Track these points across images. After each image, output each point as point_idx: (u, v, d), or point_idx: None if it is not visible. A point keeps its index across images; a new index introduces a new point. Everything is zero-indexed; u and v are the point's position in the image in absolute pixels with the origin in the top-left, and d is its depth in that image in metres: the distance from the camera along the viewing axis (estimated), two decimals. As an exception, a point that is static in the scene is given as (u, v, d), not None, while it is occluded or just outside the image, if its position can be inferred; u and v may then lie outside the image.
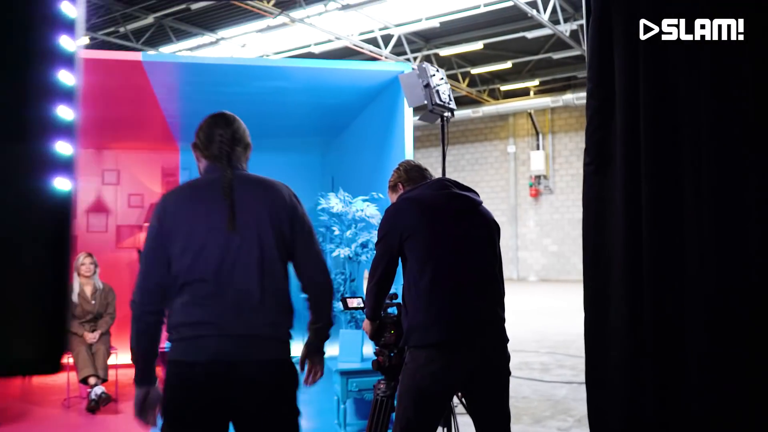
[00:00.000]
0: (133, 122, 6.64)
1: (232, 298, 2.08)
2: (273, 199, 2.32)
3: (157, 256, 2.14)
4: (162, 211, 2.16)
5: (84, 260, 6.02)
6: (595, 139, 3.51)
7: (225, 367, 2.02)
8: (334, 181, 7.61)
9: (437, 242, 2.65)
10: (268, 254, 2.14)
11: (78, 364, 5.65)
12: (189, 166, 8.00)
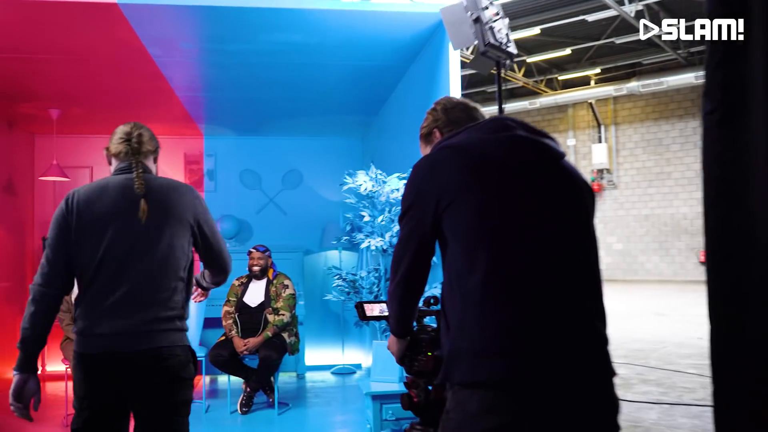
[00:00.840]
0: (147, 103, 5.88)
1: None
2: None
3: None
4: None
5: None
6: (720, 76, 2.46)
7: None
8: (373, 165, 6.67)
9: (496, 214, 1.65)
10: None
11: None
12: (214, 152, 7.23)
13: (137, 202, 2.22)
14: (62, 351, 5.18)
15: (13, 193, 6.46)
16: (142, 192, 2.23)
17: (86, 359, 2.17)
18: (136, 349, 2.13)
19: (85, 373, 2.18)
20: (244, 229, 7.21)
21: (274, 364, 5.06)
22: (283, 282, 5.40)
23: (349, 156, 7.47)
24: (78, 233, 2.22)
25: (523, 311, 1.58)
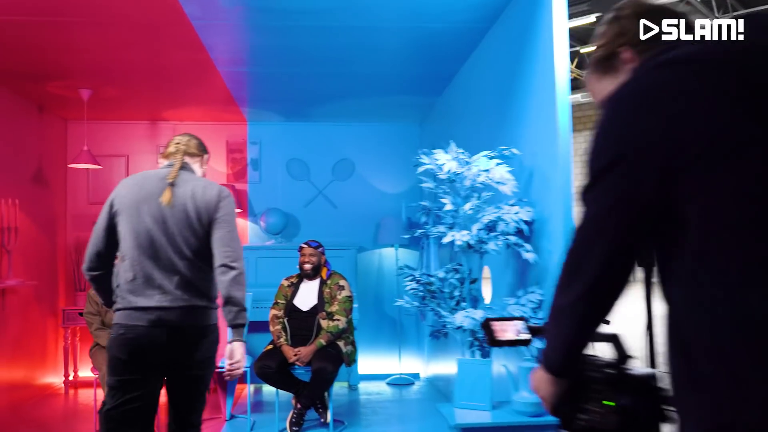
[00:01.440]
0: (190, 85, 5.27)
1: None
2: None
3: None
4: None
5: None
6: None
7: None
8: (435, 154, 5.96)
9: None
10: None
11: (105, 390, 4.29)
12: (259, 140, 6.60)
13: (164, 189, 2.51)
14: (92, 359, 4.60)
15: (44, 184, 5.94)
16: (171, 180, 2.51)
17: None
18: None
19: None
20: (291, 224, 6.57)
21: (328, 378, 4.39)
22: (338, 282, 4.73)
23: (406, 143, 6.77)
24: (118, 216, 2.52)
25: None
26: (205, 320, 2.51)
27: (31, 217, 5.65)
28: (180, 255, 2.47)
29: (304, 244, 4.81)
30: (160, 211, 2.47)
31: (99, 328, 4.59)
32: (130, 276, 2.45)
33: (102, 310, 4.60)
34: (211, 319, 2.54)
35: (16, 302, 5.37)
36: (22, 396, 5.46)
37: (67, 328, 6.01)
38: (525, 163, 3.21)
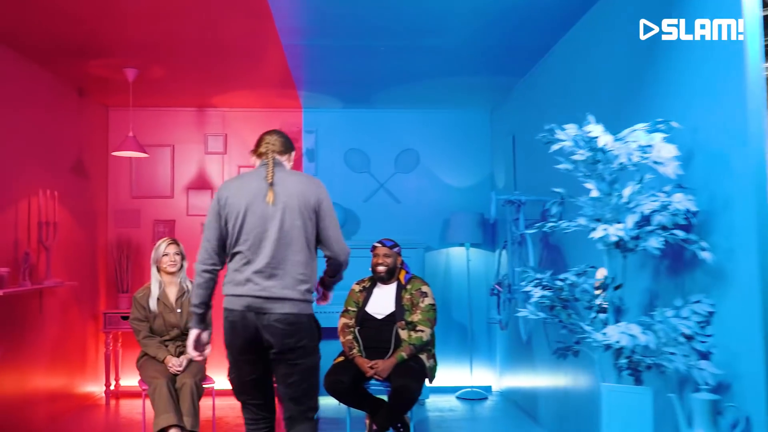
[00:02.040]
0: (245, 62, 4.71)
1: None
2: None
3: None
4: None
5: (167, 249, 4.11)
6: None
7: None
8: (515, 142, 5.32)
9: None
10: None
11: (155, 406, 3.73)
12: (315, 128, 6.03)
13: (267, 189, 2.74)
14: (139, 371, 4.06)
15: (84, 177, 5.43)
16: (270, 181, 2.75)
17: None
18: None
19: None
20: (350, 221, 5.98)
21: (411, 397, 3.78)
22: (420, 288, 4.12)
23: (475, 132, 6.15)
24: (225, 216, 2.78)
25: None
26: (293, 310, 2.70)
27: (70, 211, 5.14)
28: (284, 249, 2.71)
29: (378, 243, 4.21)
30: (265, 209, 2.73)
31: (148, 337, 4.04)
32: (239, 269, 2.75)
33: (150, 316, 4.05)
34: (299, 309, 2.72)
35: (55, 305, 4.86)
36: (60, 407, 4.94)
37: (108, 332, 5.49)
38: (684, 140, 2.57)
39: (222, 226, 2.77)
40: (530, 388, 4.98)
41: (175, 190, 5.98)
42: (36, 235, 4.52)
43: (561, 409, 4.22)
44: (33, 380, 4.53)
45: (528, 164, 4.97)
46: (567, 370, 4.01)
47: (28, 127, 4.51)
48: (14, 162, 4.30)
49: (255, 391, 2.83)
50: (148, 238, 5.90)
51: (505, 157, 5.59)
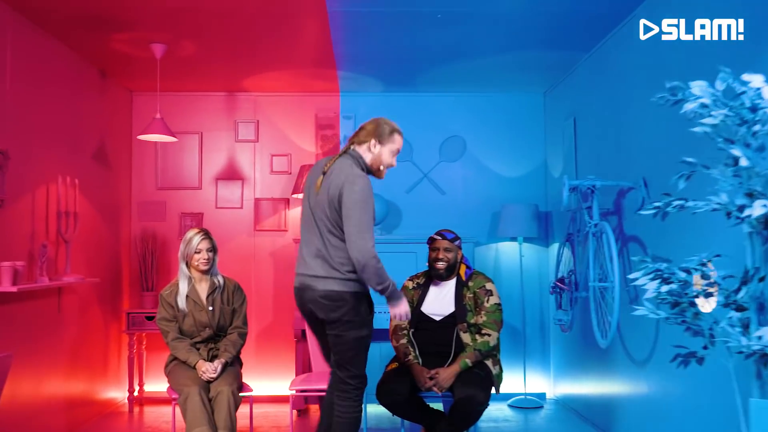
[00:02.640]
0: (282, 40, 4.27)
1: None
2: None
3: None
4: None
5: (200, 245, 3.66)
6: None
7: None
8: (577, 125, 4.83)
9: None
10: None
11: (187, 418, 3.29)
12: (353, 113, 5.58)
13: (320, 177, 2.95)
14: (168, 377, 3.63)
15: (106, 166, 5.02)
16: (325, 170, 2.93)
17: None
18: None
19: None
20: (392, 214, 5.52)
21: (478, 409, 3.32)
22: (484, 286, 3.64)
23: (527, 118, 5.66)
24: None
25: None
26: (335, 288, 2.86)
27: (91, 202, 4.72)
28: (319, 236, 2.91)
29: (437, 236, 3.74)
30: (314, 197, 2.95)
31: (177, 339, 3.60)
32: (299, 249, 3.05)
33: (179, 315, 3.61)
34: (341, 287, 2.87)
35: (75, 303, 4.45)
36: (79, 414, 4.53)
37: (132, 334, 5.07)
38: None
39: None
40: (598, 397, 4.48)
41: (204, 181, 5.55)
42: (55, 227, 4.10)
43: (649, 423, 3.72)
44: (50, 385, 4.11)
45: (593, 148, 4.47)
46: (659, 379, 3.51)
47: (47, 109, 4.10)
48: (31, 146, 3.88)
49: (328, 358, 3.10)
50: (175, 232, 5.48)
51: (563, 143, 5.10)
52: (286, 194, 5.54)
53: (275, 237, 5.54)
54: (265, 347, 5.40)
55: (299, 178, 5.22)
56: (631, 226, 3.79)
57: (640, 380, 3.77)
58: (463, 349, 3.51)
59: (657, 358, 3.57)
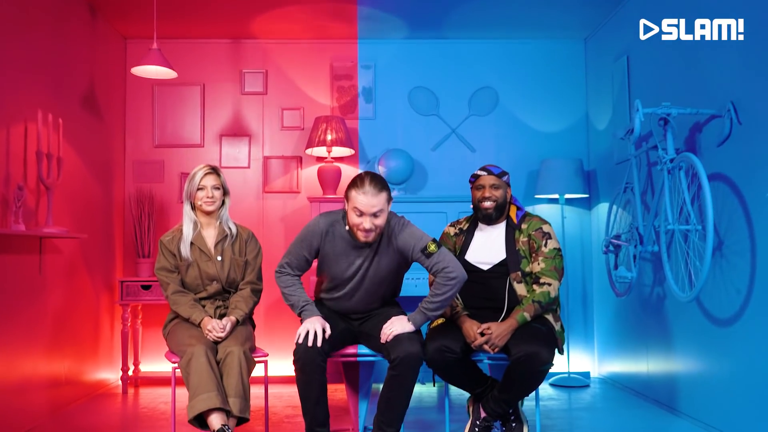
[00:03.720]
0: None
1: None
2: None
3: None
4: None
5: (203, 180, 3.09)
6: None
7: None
8: (630, 63, 4.26)
9: None
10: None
11: (190, 384, 2.71)
12: (373, 62, 5.02)
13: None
14: (167, 340, 3.05)
15: (97, 116, 4.46)
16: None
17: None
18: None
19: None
20: (416, 173, 4.94)
21: (542, 369, 2.73)
22: (540, 228, 3.06)
23: (565, 67, 5.10)
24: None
25: None
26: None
27: (79, 154, 4.16)
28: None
29: (481, 171, 3.15)
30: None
31: (179, 292, 3.02)
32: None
33: (182, 265, 3.04)
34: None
35: (59, 265, 3.87)
36: (65, 395, 3.95)
37: (125, 305, 4.49)
38: None
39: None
40: (660, 370, 3.90)
41: (206, 138, 4.98)
42: (34, 172, 3.52)
43: (730, 398, 3.14)
44: (29, 361, 3.52)
45: (656, 82, 3.90)
46: (747, 344, 2.93)
47: (27, 39, 3.52)
48: (4, 77, 3.31)
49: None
50: (174, 194, 4.91)
51: (612, 88, 4.53)
52: (298, 152, 4.97)
53: (286, 199, 4.96)
54: (276, 323, 4.80)
55: (313, 131, 4.65)
56: (712, 163, 3.21)
57: (722, 346, 3.20)
58: (518, 302, 2.93)
59: (749, 318, 2.99)
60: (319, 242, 2.86)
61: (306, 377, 2.68)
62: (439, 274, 2.72)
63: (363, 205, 2.69)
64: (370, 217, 2.71)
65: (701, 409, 3.43)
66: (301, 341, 2.68)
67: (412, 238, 2.78)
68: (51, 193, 3.56)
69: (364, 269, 2.87)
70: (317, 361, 2.67)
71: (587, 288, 5.00)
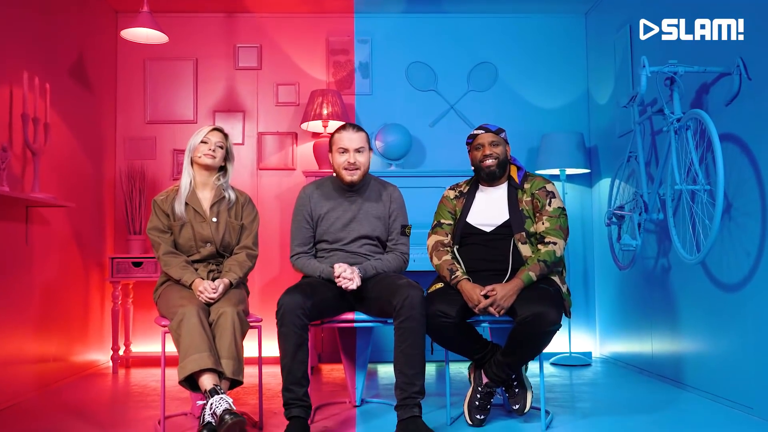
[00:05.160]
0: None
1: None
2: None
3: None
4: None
5: (208, 133, 3.00)
6: None
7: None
8: (632, 32, 4.17)
9: None
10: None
11: (180, 345, 2.59)
12: (370, 37, 4.92)
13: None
14: (158, 304, 2.94)
15: (87, 87, 4.35)
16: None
17: None
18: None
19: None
20: (414, 149, 4.84)
21: (549, 330, 2.62)
22: (543, 187, 2.96)
23: (567, 41, 5.00)
24: None
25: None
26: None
27: (68, 124, 4.04)
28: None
29: (478, 130, 3.05)
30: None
31: (171, 253, 2.90)
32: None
33: (176, 225, 2.92)
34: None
35: (47, 236, 3.75)
36: (53, 373, 3.83)
37: (116, 283, 4.37)
38: None
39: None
40: (665, 346, 3.80)
41: (199, 114, 4.88)
42: (20, 136, 3.40)
43: (741, 370, 3.04)
44: (17, 336, 3.40)
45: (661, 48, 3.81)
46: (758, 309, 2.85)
47: (13, 2, 3.42)
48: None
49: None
50: (166, 171, 4.79)
51: (614, 60, 4.44)
52: (293, 128, 4.86)
53: (281, 176, 4.85)
54: (271, 303, 4.67)
55: (309, 105, 4.54)
56: (720, 123, 3.12)
57: (730, 312, 3.10)
58: (523, 264, 2.83)
59: (758, 281, 2.90)
60: (310, 205, 3.03)
61: (284, 329, 2.62)
62: (395, 252, 3.03)
63: (345, 141, 2.94)
64: (354, 152, 2.95)
65: (708, 381, 3.33)
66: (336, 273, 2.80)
67: (401, 209, 3.08)
68: (38, 159, 3.44)
69: (354, 210, 3.02)
70: (297, 312, 2.61)
71: (588, 267, 4.90)
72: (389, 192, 3.09)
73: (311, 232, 3.03)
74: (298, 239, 3.02)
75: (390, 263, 2.98)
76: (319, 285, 2.83)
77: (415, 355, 2.62)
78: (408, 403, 2.60)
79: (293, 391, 2.63)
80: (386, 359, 4.47)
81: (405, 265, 3.06)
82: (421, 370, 2.64)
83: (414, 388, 2.61)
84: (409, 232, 3.08)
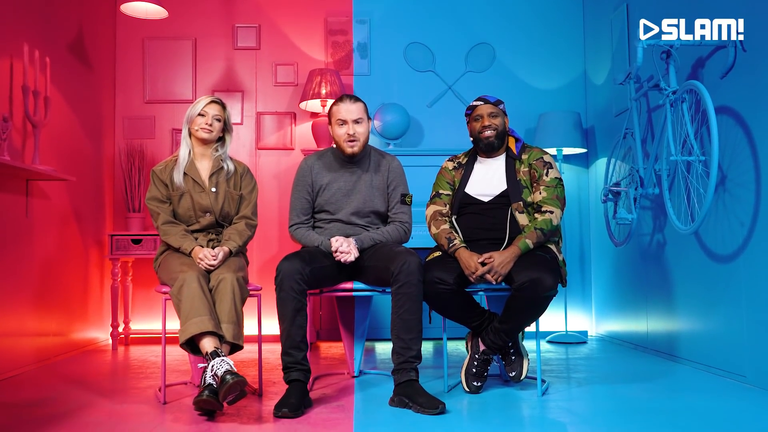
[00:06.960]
0: None
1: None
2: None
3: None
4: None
5: (206, 107, 3.00)
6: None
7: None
8: (629, 11, 4.20)
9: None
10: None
11: (181, 310, 2.61)
12: (368, 17, 4.93)
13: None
14: (158, 273, 2.96)
15: (86, 65, 4.36)
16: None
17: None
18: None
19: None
20: (412, 130, 4.86)
21: (545, 296, 2.66)
22: (541, 158, 2.99)
23: (564, 22, 5.02)
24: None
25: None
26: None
27: (68, 99, 4.06)
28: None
29: (477, 101, 3.09)
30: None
31: (170, 222, 2.93)
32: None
33: (174, 195, 2.94)
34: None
35: (48, 211, 3.77)
36: (52, 348, 3.85)
37: (115, 260, 4.39)
38: None
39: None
40: (659, 330, 3.84)
41: (198, 94, 4.89)
42: (20, 108, 3.42)
43: (737, 342, 3.08)
44: (16, 310, 3.42)
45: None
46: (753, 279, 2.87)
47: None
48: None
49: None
50: (165, 150, 4.81)
51: (611, 40, 4.47)
52: (292, 108, 4.88)
53: (280, 156, 4.87)
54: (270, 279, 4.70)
55: (308, 84, 4.56)
56: (716, 96, 3.15)
57: (724, 283, 3.13)
58: (520, 232, 2.86)
59: (752, 251, 2.93)
60: (311, 176, 3.06)
61: (283, 294, 2.67)
62: (395, 223, 3.06)
63: (343, 112, 2.96)
64: (352, 123, 2.96)
65: (702, 353, 3.37)
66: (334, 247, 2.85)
67: (401, 178, 3.11)
68: (38, 132, 3.46)
69: (354, 181, 3.05)
70: (295, 278, 2.66)
71: (585, 247, 4.94)
72: (388, 161, 3.13)
73: (311, 203, 3.06)
74: (297, 209, 3.05)
75: (389, 234, 3.02)
76: (317, 253, 2.87)
77: (412, 320, 2.65)
78: (405, 367, 2.63)
79: (292, 354, 2.66)
80: (384, 336, 4.50)
81: (406, 236, 3.08)
82: (417, 335, 2.67)
83: (411, 352, 2.64)
84: (410, 201, 3.11)
